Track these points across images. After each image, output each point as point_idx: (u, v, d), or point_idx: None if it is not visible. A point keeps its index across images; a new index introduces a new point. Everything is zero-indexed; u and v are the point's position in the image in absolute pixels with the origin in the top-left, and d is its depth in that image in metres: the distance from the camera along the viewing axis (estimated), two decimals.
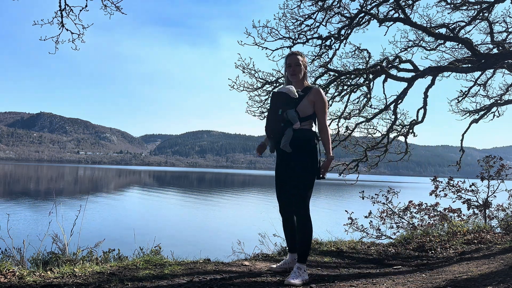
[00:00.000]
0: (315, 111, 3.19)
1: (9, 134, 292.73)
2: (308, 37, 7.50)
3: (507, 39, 8.16)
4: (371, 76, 7.55)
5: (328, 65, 7.57)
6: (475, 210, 6.88)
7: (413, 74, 7.50)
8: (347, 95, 8.20)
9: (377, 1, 7.24)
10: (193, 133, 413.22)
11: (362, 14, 7.19)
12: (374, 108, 8.25)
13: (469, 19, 7.97)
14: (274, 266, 3.39)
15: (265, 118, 3.28)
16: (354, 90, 8.07)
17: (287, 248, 3.38)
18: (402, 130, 8.41)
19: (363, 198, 7.42)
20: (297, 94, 3.15)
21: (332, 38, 7.51)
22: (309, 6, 7.29)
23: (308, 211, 3.10)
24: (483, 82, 9.09)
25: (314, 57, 7.74)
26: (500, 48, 7.55)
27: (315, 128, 3.24)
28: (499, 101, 8.99)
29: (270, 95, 3.38)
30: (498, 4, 7.29)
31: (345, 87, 8.11)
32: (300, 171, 3.07)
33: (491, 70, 8.45)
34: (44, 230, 3.89)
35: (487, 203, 6.85)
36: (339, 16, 7.37)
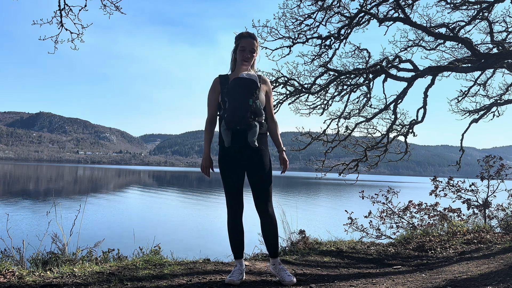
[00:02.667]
0: (266, 102, 2.98)
1: (8, 134, 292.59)
2: (308, 36, 7.50)
3: (507, 39, 8.16)
4: (371, 76, 7.55)
5: (328, 65, 7.57)
6: (475, 210, 6.88)
7: (413, 73, 7.50)
8: (347, 95, 8.20)
9: (377, 0, 7.23)
10: (192, 133, 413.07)
11: (362, 14, 7.18)
12: (374, 108, 8.26)
13: (469, 18, 7.97)
14: (235, 279, 2.89)
15: (228, 107, 2.81)
16: (354, 89, 8.07)
17: (234, 254, 3.06)
18: (402, 130, 8.41)
19: (363, 198, 7.41)
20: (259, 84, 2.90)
21: (332, 38, 7.50)
22: (309, 5, 7.30)
23: (273, 207, 2.97)
24: (483, 82, 9.09)
25: (314, 56, 7.74)
26: (500, 47, 7.55)
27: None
28: (499, 101, 8.99)
29: (234, 79, 2.84)
30: (498, 4, 7.28)
31: (345, 87, 8.11)
32: (266, 169, 2.90)
33: (491, 70, 8.45)
34: (44, 230, 3.88)
35: (487, 203, 6.85)
36: (339, 15, 7.37)
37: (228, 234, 3.01)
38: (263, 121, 2.94)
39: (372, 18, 7.21)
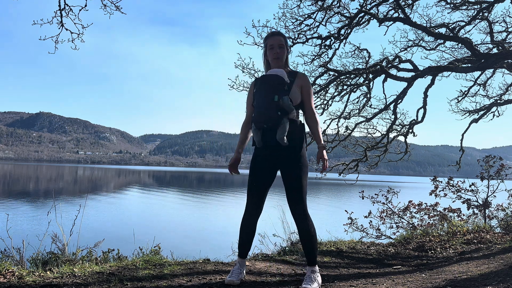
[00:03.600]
0: (303, 97, 2.88)
1: (8, 134, 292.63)
2: (308, 36, 7.50)
3: (507, 39, 8.16)
4: (371, 76, 7.55)
5: (328, 65, 7.57)
6: (475, 210, 6.88)
7: (413, 74, 7.51)
8: (347, 95, 8.20)
9: (377, 0, 7.23)
10: (192, 133, 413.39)
11: (362, 14, 7.18)
12: (374, 108, 8.26)
13: (469, 18, 7.97)
14: (235, 279, 2.82)
15: (255, 106, 2.80)
16: (354, 90, 8.07)
17: (238, 253, 2.98)
18: (402, 130, 8.41)
19: (363, 198, 7.41)
20: (288, 80, 2.81)
21: (331, 38, 7.50)
22: (308, 5, 7.29)
23: (307, 207, 2.84)
24: (483, 82, 9.09)
25: (313, 56, 7.74)
26: (500, 47, 7.55)
27: (301, 117, 2.94)
28: (499, 101, 8.99)
29: (260, 77, 2.83)
30: (498, 4, 7.28)
31: (345, 87, 8.11)
32: (298, 168, 2.77)
33: (491, 70, 8.45)
34: (44, 230, 3.89)
35: (487, 203, 6.85)
36: (339, 15, 7.37)
37: (239, 230, 2.97)
38: (298, 119, 2.85)
39: (372, 18, 7.21)
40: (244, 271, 2.99)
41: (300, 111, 2.95)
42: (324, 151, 2.87)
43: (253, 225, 2.93)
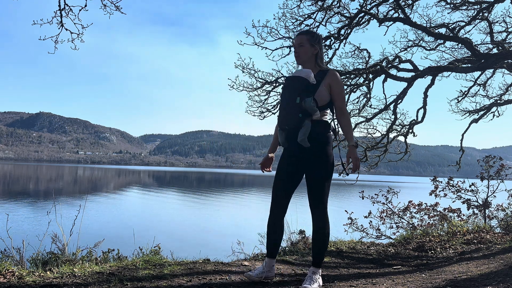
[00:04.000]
0: (332, 96, 2.82)
1: (8, 134, 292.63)
2: None
3: (507, 39, 8.16)
4: (370, 76, 7.55)
5: (328, 65, 7.57)
6: (475, 210, 6.88)
7: (413, 74, 7.51)
8: (347, 95, 8.19)
9: (376, 1, 7.23)
10: (192, 133, 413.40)
11: (362, 14, 7.18)
12: (374, 108, 8.26)
13: (469, 19, 7.97)
14: (252, 274, 2.90)
15: (279, 108, 2.84)
16: (354, 90, 8.07)
17: (266, 252, 2.98)
18: (402, 130, 8.41)
19: (363, 198, 7.42)
20: (314, 80, 2.77)
21: (331, 38, 7.50)
22: (308, 6, 7.29)
23: (327, 210, 2.83)
24: (483, 82, 9.10)
25: None
26: (500, 48, 7.55)
27: (331, 117, 2.91)
28: (499, 101, 8.99)
29: (284, 79, 2.86)
30: (498, 4, 7.29)
31: (345, 87, 8.11)
32: (319, 169, 2.75)
33: (491, 70, 8.45)
34: (44, 230, 3.89)
35: (487, 203, 6.85)
36: (339, 16, 7.37)
37: (266, 231, 2.98)
38: (324, 118, 2.81)
39: (372, 18, 7.21)
40: (271, 271, 2.95)
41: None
42: (355, 150, 2.80)
43: (277, 225, 2.92)
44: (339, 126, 2.92)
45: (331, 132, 2.88)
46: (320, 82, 2.79)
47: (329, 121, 2.87)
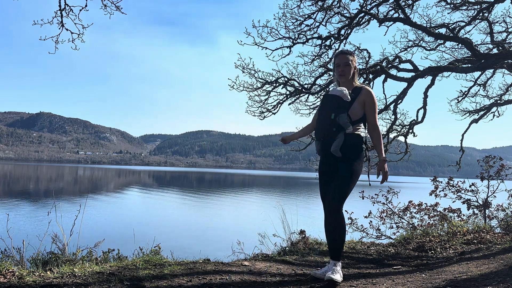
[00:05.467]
0: (365, 111, 3.14)
1: (8, 134, 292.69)
2: (308, 37, 7.50)
3: (507, 39, 8.16)
4: (371, 76, 7.55)
5: (328, 65, 7.57)
6: (475, 210, 6.88)
7: (413, 74, 7.50)
8: None
9: (377, 1, 7.24)
10: (192, 133, 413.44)
11: (362, 14, 7.19)
12: None
13: (469, 19, 7.97)
14: (319, 273, 3.14)
15: (316, 120, 3.23)
16: None
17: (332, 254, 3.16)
18: (402, 130, 8.41)
19: (363, 198, 7.41)
20: (349, 97, 3.09)
21: (332, 38, 7.50)
22: (309, 6, 7.30)
23: (342, 212, 3.07)
24: (483, 82, 9.10)
25: (314, 57, 7.75)
26: (500, 48, 7.55)
27: (364, 131, 3.20)
28: (499, 101, 9.00)
29: (322, 96, 3.30)
30: (498, 4, 7.29)
31: None
32: (345, 174, 3.03)
33: (491, 70, 8.46)
34: (44, 230, 3.89)
35: (487, 203, 6.85)
36: (339, 16, 7.37)
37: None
38: (357, 132, 3.11)
39: (372, 19, 7.22)
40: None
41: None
42: (386, 164, 3.13)
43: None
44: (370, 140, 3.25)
45: (363, 145, 3.18)
46: (355, 99, 3.11)
47: (362, 134, 3.17)
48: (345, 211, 7.30)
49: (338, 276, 2.96)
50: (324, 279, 2.95)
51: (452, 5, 7.83)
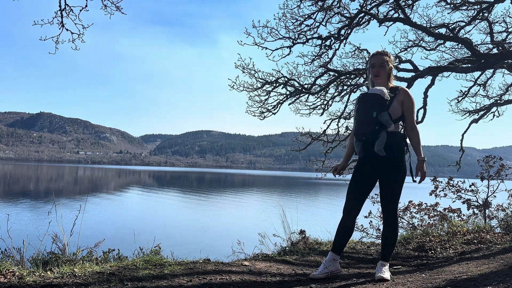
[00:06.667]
0: (404, 111, 3.13)
1: (8, 134, 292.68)
2: (308, 37, 7.50)
3: (507, 39, 8.16)
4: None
5: (328, 65, 7.58)
6: (475, 210, 6.88)
7: (413, 74, 7.51)
8: (347, 95, 8.21)
9: (377, 1, 7.24)
10: (193, 133, 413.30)
11: (362, 14, 7.19)
12: None
13: (469, 19, 7.97)
14: (316, 273, 3.14)
15: (356, 121, 3.18)
16: (354, 90, 8.08)
17: (332, 247, 3.25)
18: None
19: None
20: (389, 96, 3.09)
21: (332, 38, 7.51)
22: (309, 6, 7.30)
23: (397, 212, 3.10)
24: (483, 82, 9.10)
25: (314, 57, 7.75)
26: (500, 48, 7.55)
27: (402, 130, 3.20)
28: (499, 101, 9.00)
29: (360, 96, 3.23)
30: (498, 4, 7.29)
31: (345, 87, 8.12)
32: (393, 175, 3.05)
33: (491, 70, 8.46)
34: (44, 230, 3.89)
35: (487, 203, 6.85)
36: (339, 16, 7.37)
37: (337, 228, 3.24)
38: (398, 130, 3.11)
39: (372, 19, 7.22)
40: (334, 266, 3.19)
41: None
42: (424, 164, 3.14)
43: (347, 227, 3.20)
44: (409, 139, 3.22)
45: (405, 143, 3.18)
46: (393, 98, 3.10)
47: (402, 132, 3.18)
48: None
49: (387, 274, 3.05)
50: (376, 278, 3.01)
51: (452, 5, 7.83)
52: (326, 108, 8.24)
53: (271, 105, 7.95)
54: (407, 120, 3.15)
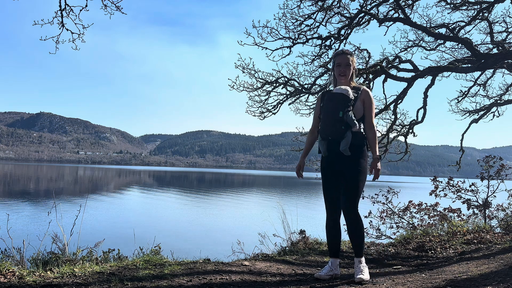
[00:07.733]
0: (364, 110, 3.18)
1: (9, 134, 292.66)
2: (308, 37, 7.51)
3: (507, 39, 8.17)
4: (371, 76, 7.55)
5: (328, 65, 7.57)
6: (475, 210, 6.88)
7: (413, 74, 7.51)
8: None
9: (377, 1, 7.24)
10: (193, 133, 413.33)
11: (362, 14, 7.19)
12: (374, 108, 8.25)
13: (469, 19, 7.97)
14: (322, 273, 3.18)
15: (321, 120, 3.18)
16: None
17: (329, 252, 3.34)
18: (402, 130, 8.41)
19: (363, 198, 7.40)
20: (352, 96, 3.11)
21: (332, 38, 7.51)
22: (309, 6, 7.30)
23: (358, 209, 3.12)
24: (483, 82, 9.10)
25: (314, 57, 7.75)
26: (500, 48, 7.55)
27: (362, 129, 3.22)
28: (499, 101, 9.00)
29: (325, 94, 3.20)
30: (498, 4, 7.29)
31: None
32: (355, 173, 3.08)
33: (491, 70, 8.46)
34: (44, 230, 3.89)
35: (487, 203, 6.84)
36: (339, 16, 7.38)
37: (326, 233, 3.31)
38: (360, 130, 3.14)
39: (372, 19, 7.22)
40: (335, 270, 3.23)
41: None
42: (379, 163, 3.17)
43: (334, 228, 3.25)
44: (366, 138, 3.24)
45: (365, 141, 3.21)
46: (356, 98, 3.15)
47: (362, 131, 3.19)
48: None
49: (367, 275, 3.07)
50: (355, 280, 3.01)
51: (452, 5, 7.83)
52: None
53: (271, 105, 7.95)
54: (366, 120, 3.18)
